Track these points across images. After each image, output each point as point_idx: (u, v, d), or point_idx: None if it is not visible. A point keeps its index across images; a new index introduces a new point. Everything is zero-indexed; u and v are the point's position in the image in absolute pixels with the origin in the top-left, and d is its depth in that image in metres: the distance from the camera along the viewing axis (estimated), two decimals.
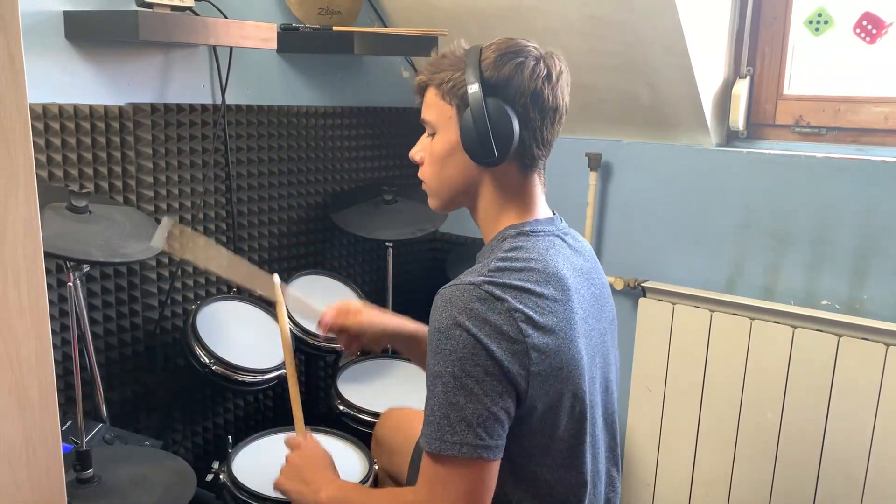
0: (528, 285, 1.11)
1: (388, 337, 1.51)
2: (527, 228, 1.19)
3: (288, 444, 1.38)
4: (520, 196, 1.21)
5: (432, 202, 1.28)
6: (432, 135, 1.22)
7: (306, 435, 1.40)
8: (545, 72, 1.16)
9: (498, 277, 1.10)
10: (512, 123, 1.14)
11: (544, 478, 1.17)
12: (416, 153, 1.26)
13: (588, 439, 1.18)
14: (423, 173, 1.26)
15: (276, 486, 1.32)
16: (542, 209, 1.24)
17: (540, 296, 1.11)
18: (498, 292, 1.08)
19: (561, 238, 1.22)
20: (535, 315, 1.09)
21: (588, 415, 1.17)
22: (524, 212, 1.21)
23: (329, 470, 1.32)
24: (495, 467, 1.09)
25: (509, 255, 1.14)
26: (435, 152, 1.22)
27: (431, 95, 1.21)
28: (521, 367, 1.07)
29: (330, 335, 1.52)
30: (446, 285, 1.12)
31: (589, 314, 1.21)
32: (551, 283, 1.13)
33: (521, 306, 1.08)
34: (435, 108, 1.20)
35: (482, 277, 1.10)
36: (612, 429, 1.30)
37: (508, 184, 1.20)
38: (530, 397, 1.09)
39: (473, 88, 1.13)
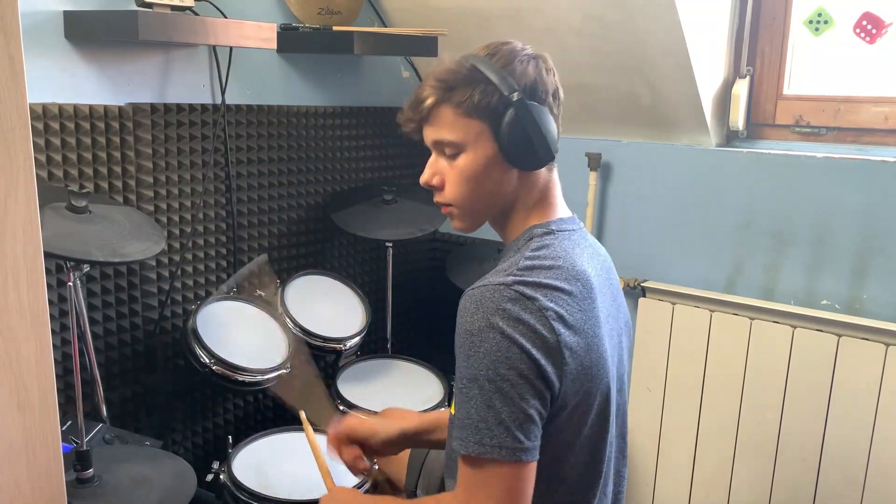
0: (558, 283, 1.10)
1: (402, 433, 1.44)
2: (552, 227, 1.19)
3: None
4: (546, 194, 1.22)
5: (462, 224, 1.22)
6: (454, 155, 1.17)
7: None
8: (546, 64, 1.18)
9: (528, 276, 1.09)
10: (552, 121, 1.16)
11: (566, 474, 1.17)
12: (431, 178, 1.20)
13: (609, 436, 1.19)
14: (446, 196, 1.20)
15: None
16: (562, 207, 1.24)
17: (570, 294, 1.11)
18: (529, 291, 1.07)
19: (582, 237, 1.23)
20: (565, 313, 1.09)
21: (611, 412, 1.18)
22: (548, 210, 1.22)
23: (361, 496, 1.32)
24: (533, 469, 1.09)
25: (537, 253, 1.14)
26: (467, 171, 1.16)
27: (449, 115, 1.15)
28: (554, 365, 1.07)
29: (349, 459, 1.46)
30: (473, 286, 1.11)
31: (609, 314, 1.21)
32: (579, 281, 1.13)
33: (552, 304, 1.08)
34: (459, 127, 1.15)
35: (512, 277, 1.09)
36: (624, 425, 1.31)
37: (539, 184, 1.20)
38: (562, 395, 1.09)
39: (517, 97, 1.12)
